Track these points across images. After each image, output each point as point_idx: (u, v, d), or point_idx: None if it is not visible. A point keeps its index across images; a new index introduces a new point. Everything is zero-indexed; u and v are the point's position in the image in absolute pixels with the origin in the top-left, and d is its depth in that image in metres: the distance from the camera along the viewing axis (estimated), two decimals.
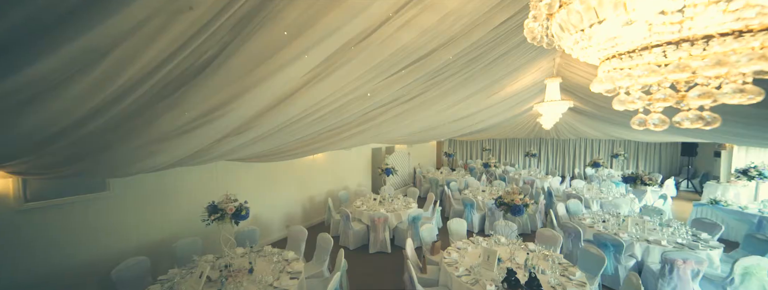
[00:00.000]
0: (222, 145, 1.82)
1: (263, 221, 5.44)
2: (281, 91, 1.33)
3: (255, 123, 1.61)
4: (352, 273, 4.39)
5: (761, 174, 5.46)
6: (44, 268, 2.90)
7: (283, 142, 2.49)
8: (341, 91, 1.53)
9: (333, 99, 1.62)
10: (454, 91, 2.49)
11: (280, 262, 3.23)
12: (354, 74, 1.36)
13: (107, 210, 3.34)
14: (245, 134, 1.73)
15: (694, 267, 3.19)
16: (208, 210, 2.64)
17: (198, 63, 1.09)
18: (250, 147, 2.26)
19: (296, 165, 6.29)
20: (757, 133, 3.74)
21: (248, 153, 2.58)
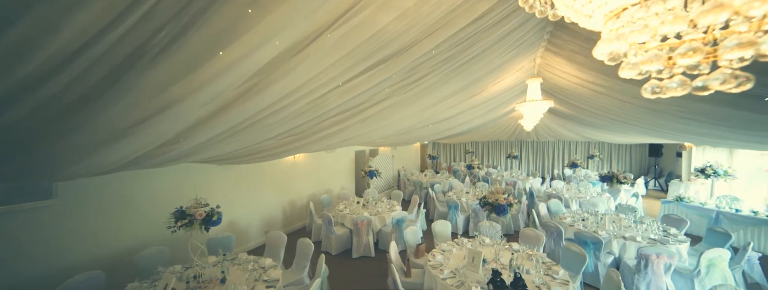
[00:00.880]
0: (181, 143, 1.64)
1: (240, 227, 5.16)
2: (247, 79, 1.20)
3: (217, 118, 1.46)
4: (334, 279, 4.22)
5: (716, 173, 5.92)
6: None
7: (256, 142, 2.33)
8: (316, 80, 1.42)
9: (307, 90, 1.50)
10: (435, 88, 2.43)
11: (256, 270, 3.03)
12: (329, 60, 1.25)
13: (56, 219, 2.99)
14: (206, 131, 1.57)
15: (667, 261, 3.29)
16: (175, 216, 2.41)
17: (148, 44, 0.95)
18: (216, 146, 2.08)
19: (276, 168, 6.05)
20: (725, 133, 3.95)
21: (215, 153, 2.38)
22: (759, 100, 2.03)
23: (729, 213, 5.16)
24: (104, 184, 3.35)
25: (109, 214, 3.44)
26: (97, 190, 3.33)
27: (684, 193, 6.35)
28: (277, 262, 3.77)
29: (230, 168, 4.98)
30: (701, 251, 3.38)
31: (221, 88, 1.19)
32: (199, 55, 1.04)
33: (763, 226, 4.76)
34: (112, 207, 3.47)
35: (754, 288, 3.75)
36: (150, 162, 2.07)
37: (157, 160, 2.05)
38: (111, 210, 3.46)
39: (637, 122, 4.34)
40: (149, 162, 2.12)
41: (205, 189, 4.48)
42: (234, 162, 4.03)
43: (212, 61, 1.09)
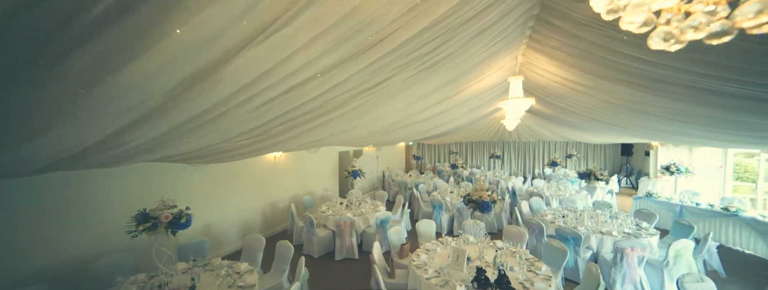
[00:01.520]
0: (126, 136, 1.45)
1: (216, 231, 4.89)
2: (206, 58, 1.07)
3: (169, 110, 1.30)
4: (316, 282, 4.06)
5: (678, 170, 6.36)
6: None
7: (224, 138, 2.16)
8: (285, 67, 1.30)
9: (277, 78, 1.38)
10: (417, 83, 2.37)
11: (230, 276, 2.85)
12: (298, 41, 1.15)
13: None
14: (158, 124, 1.41)
15: (640, 253, 3.41)
16: (136, 220, 2.19)
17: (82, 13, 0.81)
18: (176, 142, 1.89)
19: (256, 168, 5.81)
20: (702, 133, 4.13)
21: (177, 150, 2.19)
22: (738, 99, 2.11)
23: (691, 207, 5.56)
24: (51, 187, 3.01)
25: (58, 220, 3.06)
26: (41, 193, 3.00)
27: (652, 189, 6.70)
28: (255, 267, 3.59)
29: (206, 169, 4.72)
30: (669, 243, 3.55)
31: (171, 73, 1.05)
32: (146, 29, 0.91)
33: (718, 218, 5.14)
34: (61, 212, 3.09)
35: (713, 275, 3.95)
36: (98, 159, 1.85)
37: (106, 157, 1.83)
38: (60, 215, 3.08)
39: (613, 120, 4.49)
40: (97, 160, 1.90)
41: (177, 191, 4.21)
42: (205, 162, 3.80)
43: (163, 42, 0.96)
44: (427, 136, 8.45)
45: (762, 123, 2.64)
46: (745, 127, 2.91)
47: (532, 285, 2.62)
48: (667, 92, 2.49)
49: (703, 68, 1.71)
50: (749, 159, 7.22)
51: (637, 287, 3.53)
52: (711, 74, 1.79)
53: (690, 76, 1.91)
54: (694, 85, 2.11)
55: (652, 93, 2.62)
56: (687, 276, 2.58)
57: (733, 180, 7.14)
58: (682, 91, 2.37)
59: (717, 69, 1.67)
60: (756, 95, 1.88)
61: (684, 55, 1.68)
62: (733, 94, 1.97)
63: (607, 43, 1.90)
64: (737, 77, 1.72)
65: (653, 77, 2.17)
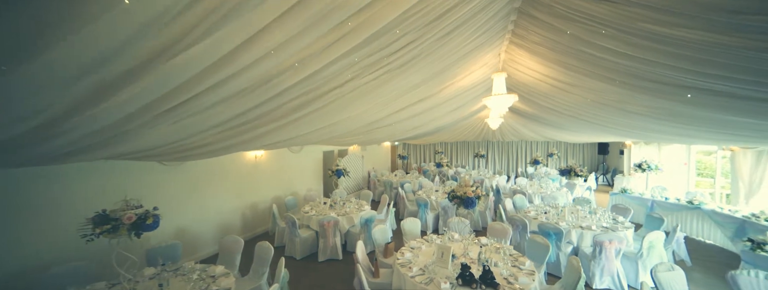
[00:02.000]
0: (64, 126, 1.29)
1: (191, 234, 4.64)
2: (161, 35, 0.95)
3: (112, 95, 1.16)
4: (298, 285, 3.92)
5: (649, 167, 6.83)
6: None
7: (189, 132, 2.00)
8: (255, 46, 1.20)
9: (246, 62, 1.27)
10: (398, 75, 2.31)
11: (203, 280, 2.68)
12: (267, 17, 1.05)
13: None
14: (106, 111, 1.25)
15: (617, 245, 3.52)
16: (94, 222, 1.97)
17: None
18: (132, 135, 1.71)
19: (236, 168, 5.58)
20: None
21: (135, 146, 1.99)
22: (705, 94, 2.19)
23: (660, 201, 5.95)
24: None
25: (4, 226, 2.75)
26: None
27: (627, 185, 7.03)
28: (232, 270, 3.41)
29: (181, 169, 4.47)
30: (643, 235, 3.69)
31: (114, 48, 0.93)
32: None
33: (684, 211, 5.53)
34: (8, 216, 2.77)
35: (681, 264, 4.17)
36: (36, 153, 1.65)
37: (46, 151, 1.62)
38: (7, 220, 2.78)
39: (594, 118, 4.62)
40: (35, 154, 1.68)
41: (148, 192, 3.96)
42: (172, 159, 3.58)
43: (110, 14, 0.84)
44: (412, 136, 8.43)
45: (738, 121, 2.77)
46: (731, 126, 3.04)
47: (516, 280, 2.61)
48: (647, 89, 2.55)
49: (686, 63, 1.75)
50: (707, 156, 7.77)
51: (614, 279, 3.62)
52: (693, 69, 1.83)
53: (671, 71, 1.96)
54: (675, 81, 2.17)
55: (632, 89, 2.68)
56: (659, 266, 2.67)
57: (696, 176, 7.63)
58: (663, 88, 2.44)
59: (702, 65, 1.71)
60: (742, 93, 1.95)
61: (665, 49, 1.72)
62: (719, 91, 2.03)
63: (587, 36, 1.92)
64: (718, 72, 1.77)
65: (634, 73, 2.21)
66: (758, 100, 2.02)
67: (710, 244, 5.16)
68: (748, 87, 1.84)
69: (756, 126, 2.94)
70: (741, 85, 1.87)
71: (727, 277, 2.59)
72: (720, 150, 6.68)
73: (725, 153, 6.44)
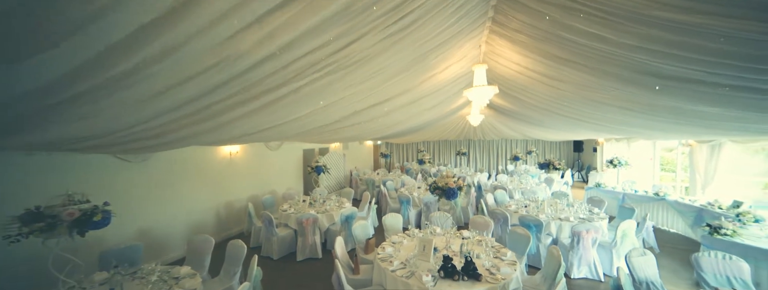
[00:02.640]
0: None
1: (157, 235, 4.30)
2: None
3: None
4: (275, 285, 3.71)
5: (620, 163, 7.39)
6: None
7: (131, 120, 1.78)
8: (203, 11, 1.04)
9: (192, 30, 1.11)
10: (377, 56, 2.20)
11: (164, 282, 2.44)
12: None
13: None
14: None
15: (594, 235, 3.61)
16: (22, 220, 1.68)
17: None
18: (58, 119, 1.48)
19: (208, 165, 5.27)
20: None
21: (59, 133, 1.74)
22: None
23: (630, 194, 6.35)
24: None
25: None
26: None
27: (600, 180, 7.38)
28: (201, 271, 3.16)
29: (144, 165, 4.14)
30: (616, 225, 3.86)
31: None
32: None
33: (651, 202, 5.93)
34: None
35: (650, 251, 4.41)
36: None
37: None
38: None
39: (568, 112, 4.74)
40: None
41: (105, 190, 3.61)
42: (119, 151, 3.27)
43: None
44: (394, 133, 8.35)
45: (707, 111, 2.89)
46: (700, 116, 3.15)
47: (498, 271, 2.58)
48: (620, 77, 2.60)
49: (660, 46, 1.76)
50: (669, 153, 8.38)
51: (591, 267, 3.70)
52: (668, 52, 1.85)
53: (645, 55, 1.99)
54: (648, 69, 2.20)
55: (606, 77, 2.72)
56: (632, 251, 2.76)
57: (660, 170, 8.19)
58: (637, 77, 2.47)
59: (678, 47, 1.73)
60: (711, 80, 2.01)
61: (640, 30, 1.73)
62: (694, 79, 2.08)
63: (567, 20, 1.91)
64: (692, 55, 1.80)
65: (610, 58, 2.23)
66: (726, 86, 2.09)
67: (674, 232, 5.52)
68: (717, 71, 1.90)
69: (719, 116, 3.09)
70: (709, 68, 1.92)
71: (691, 259, 2.74)
72: (680, 147, 7.17)
73: (684, 150, 6.92)
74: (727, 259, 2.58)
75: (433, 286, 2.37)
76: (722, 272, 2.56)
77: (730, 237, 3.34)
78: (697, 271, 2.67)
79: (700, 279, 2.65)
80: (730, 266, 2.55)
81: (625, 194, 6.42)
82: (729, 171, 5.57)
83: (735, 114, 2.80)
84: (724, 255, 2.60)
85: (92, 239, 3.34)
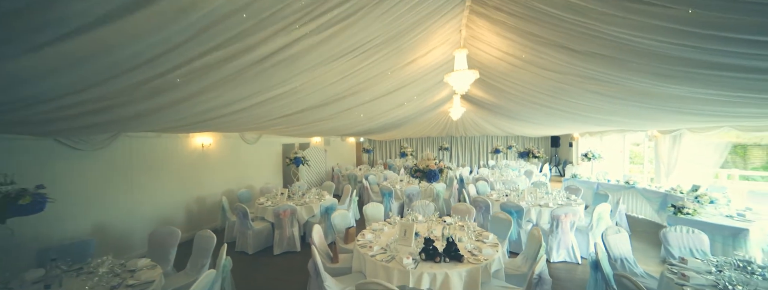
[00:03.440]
0: None
1: (116, 231, 3.95)
2: None
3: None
4: (249, 280, 3.50)
5: (594, 156, 7.90)
6: None
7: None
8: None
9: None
10: (348, 28, 2.09)
11: (117, 276, 2.19)
12: None
13: None
14: None
15: (572, 218, 3.70)
16: None
17: None
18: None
19: (178, 157, 4.93)
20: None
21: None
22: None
23: (604, 184, 6.75)
24: None
25: None
26: None
27: (576, 172, 7.70)
28: (165, 266, 2.91)
29: (101, 154, 3.79)
30: (592, 210, 3.96)
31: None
32: None
33: (622, 190, 6.31)
34: None
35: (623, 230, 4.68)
36: None
37: None
38: None
39: (545, 100, 4.83)
40: None
41: (54, 181, 3.25)
42: (45, 133, 2.95)
43: None
44: (377, 126, 8.25)
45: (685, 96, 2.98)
46: (671, 100, 3.27)
47: (480, 252, 2.53)
48: (598, 56, 2.63)
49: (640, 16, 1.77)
50: (637, 147, 8.92)
51: (569, 251, 3.76)
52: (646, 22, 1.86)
53: (624, 29, 2.00)
54: (630, 46, 2.23)
55: (585, 59, 2.75)
56: (608, 230, 2.84)
57: (629, 163, 8.69)
58: (621, 55, 2.50)
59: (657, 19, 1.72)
60: (685, 55, 2.04)
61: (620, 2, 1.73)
62: (675, 56, 2.11)
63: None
64: (673, 26, 1.81)
65: (588, 34, 2.24)
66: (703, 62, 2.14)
67: (643, 218, 5.88)
68: (683, 41, 1.94)
69: (683, 98, 3.23)
70: (676, 39, 1.96)
71: (660, 235, 2.90)
72: (647, 142, 7.61)
73: (650, 144, 7.35)
74: (690, 233, 2.75)
75: (414, 268, 2.28)
76: (686, 245, 2.73)
77: (690, 216, 3.65)
78: (665, 246, 2.79)
79: (667, 253, 2.77)
80: (692, 239, 2.73)
81: (599, 183, 6.77)
82: (688, 161, 5.98)
83: (705, 95, 2.90)
84: (688, 229, 2.79)
85: (33, 235, 3.01)
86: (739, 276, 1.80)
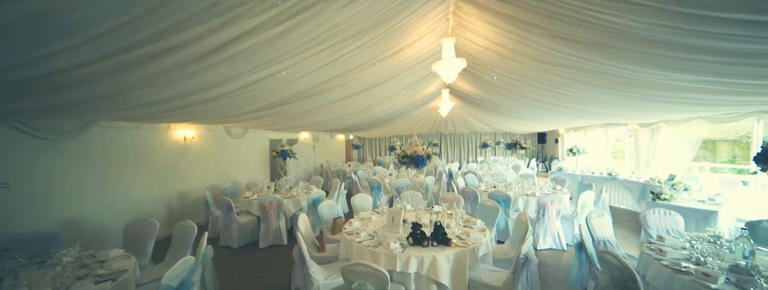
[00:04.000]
0: None
1: (90, 227, 3.75)
2: None
3: None
4: (234, 273, 3.39)
5: (578, 151, 8.30)
6: None
7: None
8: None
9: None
10: (330, 7, 2.03)
11: (84, 267, 2.06)
12: None
13: None
14: None
15: (558, 206, 3.78)
16: None
17: None
18: None
19: (157, 151, 4.75)
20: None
21: None
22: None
23: (588, 175, 7.02)
24: None
25: None
26: None
27: (562, 166, 7.92)
28: (142, 259, 2.78)
29: (73, 145, 3.60)
30: (577, 198, 4.05)
31: None
32: None
33: (605, 181, 6.59)
34: None
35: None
36: None
37: None
38: None
39: (531, 92, 4.91)
40: None
41: (18, 173, 3.06)
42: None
43: None
44: (366, 121, 8.19)
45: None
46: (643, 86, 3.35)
47: (468, 236, 2.52)
48: (589, 46, 2.66)
49: None
50: (618, 142, 9.27)
51: (555, 238, 3.82)
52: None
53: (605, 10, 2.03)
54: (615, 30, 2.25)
55: (575, 48, 2.79)
56: (592, 213, 2.91)
57: (612, 157, 9.02)
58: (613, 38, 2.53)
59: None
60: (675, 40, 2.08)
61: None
62: (655, 39, 2.15)
63: None
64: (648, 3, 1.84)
65: (580, 22, 2.27)
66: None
67: (624, 208, 6.12)
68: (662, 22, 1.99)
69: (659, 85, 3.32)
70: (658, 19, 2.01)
71: (640, 218, 3.02)
72: (627, 137, 7.92)
73: (631, 140, 7.64)
74: (667, 214, 2.92)
75: (402, 253, 2.25)
76: (663, 226, 2.88)
77: (667, 201, 3.91)
78: (645, 228, 2.90)
79: (646, 235, 2.87)
80: (668, 220, 2.89)
81: (583, 176, 7.00)
82: (665, 153, 6.27)
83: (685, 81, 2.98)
84: (665, 211, 2.95)
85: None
86: (710, 248, 1.90)
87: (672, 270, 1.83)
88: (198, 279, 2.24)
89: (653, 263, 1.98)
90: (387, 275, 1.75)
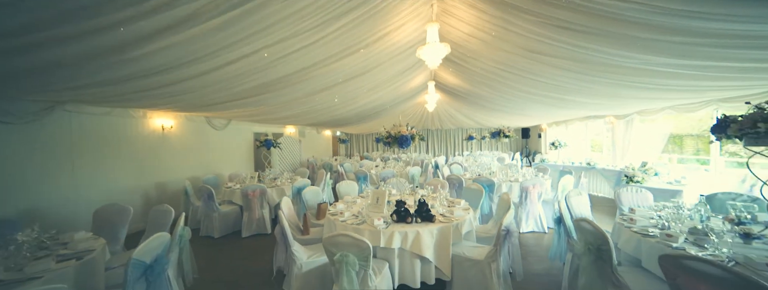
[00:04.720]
0: None
1: (55, 218, 3.53)
2: None
3: None
4: (216, 262, 3.28)
5: (560, 144, 8.70)
6: None
7: None
8: None
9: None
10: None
11: (44, 249, 1.93)
12: None
13: None
14: None
15: (539, 189, 3.90)
16: None
17: None
18: None
19: (133, 140, 4.55)
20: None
21: None
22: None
23: (568, 165, 7.35)
24: None
25: None
26: None
27: (544, 158, 8.18)
28: (115, 245, 2.65)
29: (36, 130, 3.39)
30: (557, 182, 4.20)
31: None
32: None
33: (584, 170, 6.82)
34: None
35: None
36: None
37: None
38: None
39: (515, 82, 5.01)
40: None
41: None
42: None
43: None
44: (352, 113, 8.15)
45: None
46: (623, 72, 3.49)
47: (452, 214, 2.55)
48: (574, 31, 2.73)
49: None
50: (597, 136, 9.66)
51: (537, 221, 3.92)
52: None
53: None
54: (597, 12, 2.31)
55: (559, 32, 2.85)
56: (571, 192, 3.01)
57: (591, 150, 9.39)
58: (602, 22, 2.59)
59: None
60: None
61: None
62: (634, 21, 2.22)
63: None
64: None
65: (562, 3, 2.32)
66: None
67: (602, 196, 6.44)
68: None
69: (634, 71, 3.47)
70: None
71: (614, 195, 3.20)
72: (605, 132, 8.29)
73: (608, 135, 8.01)
74: (638, 192, 3.15)
75: (385, 228, 2.24)
76: (635, 202, 3.07)
77: (640, 183, 4.25)
78: (619, 205, 3.06)
79: (620, 212, 3.01)
80: (640, 197, 3.10)
81: (564, 165, 7.28)
82: (638, 143, 6.65)
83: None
84: (637, 189, 3.18)
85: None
86: (673, 214, 2.03)
87: (640, 235, 1.94)
88: (174, 260, 2.16)
89: (624, 231, 2.09)
90: (369, 245, 1.74)
